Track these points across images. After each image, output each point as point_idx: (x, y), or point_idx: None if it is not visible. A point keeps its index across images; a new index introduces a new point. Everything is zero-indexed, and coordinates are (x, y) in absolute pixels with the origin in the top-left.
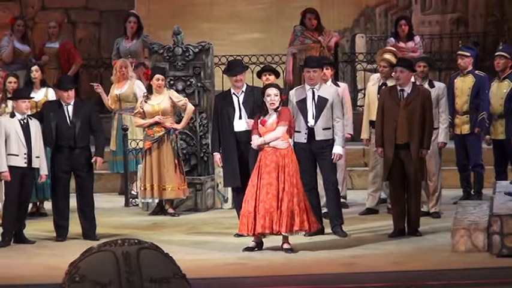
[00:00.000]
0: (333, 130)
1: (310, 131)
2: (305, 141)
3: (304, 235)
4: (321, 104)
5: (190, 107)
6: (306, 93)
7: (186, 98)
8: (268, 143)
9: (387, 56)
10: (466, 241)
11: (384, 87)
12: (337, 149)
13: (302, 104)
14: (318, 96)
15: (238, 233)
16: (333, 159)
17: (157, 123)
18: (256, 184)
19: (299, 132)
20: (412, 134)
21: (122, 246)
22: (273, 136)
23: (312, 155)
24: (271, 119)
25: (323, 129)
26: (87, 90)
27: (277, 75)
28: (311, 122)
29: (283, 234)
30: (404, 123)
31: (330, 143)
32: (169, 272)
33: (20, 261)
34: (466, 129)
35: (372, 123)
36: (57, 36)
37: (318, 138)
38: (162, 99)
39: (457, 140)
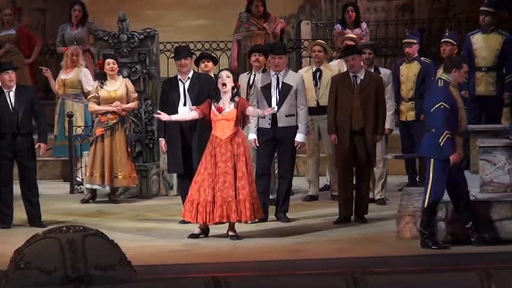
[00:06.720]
0: (297, 117)
1: (274, 117)
2: (269, 126)
3: (248, 222)
4: (285, 90)
5: (136, 103)
6: (270, 79)
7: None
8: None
9: (321, 41)
10: (411, 228)
11: (317, 73)
12: (300, 137)
13: (266, 89)
14: (283, 82)
15: (184, 219)
16: (295, 147)
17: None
18: (213, 172)
19: (263, 117)
20: (367, 119)
21: (67, 233)
22: (256, 113)
23: (274, 140)
24: (228, 108)
25: (286, 115)
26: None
27: (214, 61)
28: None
29: (242, 223)
30: (359, 109)
31: (293, 130)
32: (115, 259)
33: None
34: (411, 115)
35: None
36: (12, 23)
37: (280, 124)
38: (119, 86)
39: (402, 127)
